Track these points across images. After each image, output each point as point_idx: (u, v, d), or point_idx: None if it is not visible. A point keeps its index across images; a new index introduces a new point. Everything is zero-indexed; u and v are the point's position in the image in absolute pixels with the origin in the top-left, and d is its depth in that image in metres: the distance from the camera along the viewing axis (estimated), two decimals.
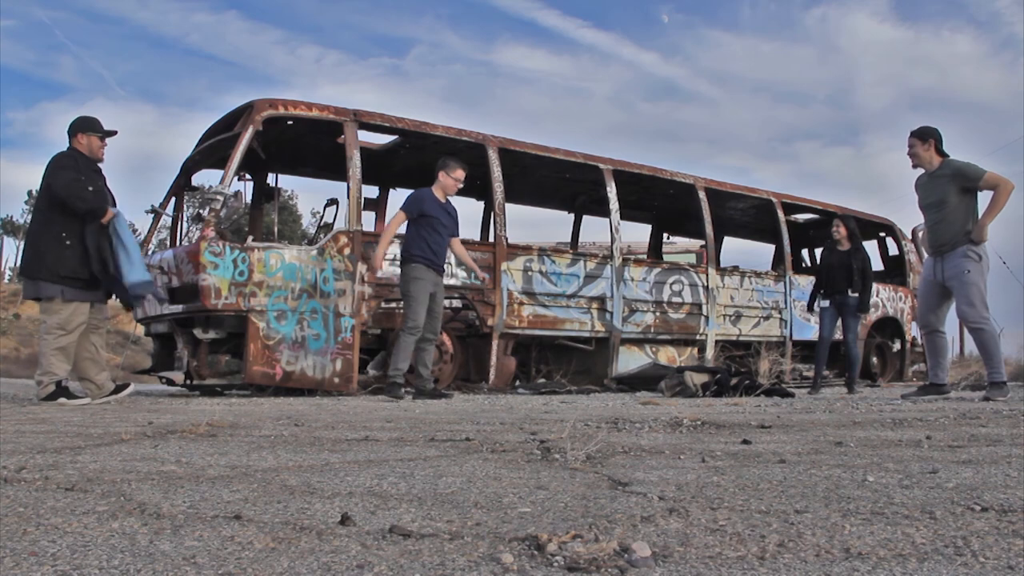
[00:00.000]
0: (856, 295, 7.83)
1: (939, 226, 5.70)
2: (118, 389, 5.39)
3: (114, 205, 5.33)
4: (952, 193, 5.61)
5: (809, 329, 10.20)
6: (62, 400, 5.10)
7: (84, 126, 5.24)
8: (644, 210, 11.81)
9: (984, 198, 5.64)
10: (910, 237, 12.10)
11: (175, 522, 1.45)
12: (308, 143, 8.01)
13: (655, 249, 12.57)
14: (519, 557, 1.23)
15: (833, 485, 1.87)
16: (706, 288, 9.42)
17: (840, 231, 8.02)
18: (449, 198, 6.45)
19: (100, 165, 5.37)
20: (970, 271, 5.52)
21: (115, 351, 27.87)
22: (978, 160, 5.80)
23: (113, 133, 5.33)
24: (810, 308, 8.39)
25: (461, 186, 6.46)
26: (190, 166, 7.82)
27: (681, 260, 11.45)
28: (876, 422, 3.64)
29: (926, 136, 5.72)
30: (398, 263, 7.23)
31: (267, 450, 2.55)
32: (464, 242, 7.84)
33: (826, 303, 8.02)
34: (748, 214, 11.41)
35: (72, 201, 4.99)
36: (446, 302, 7.75)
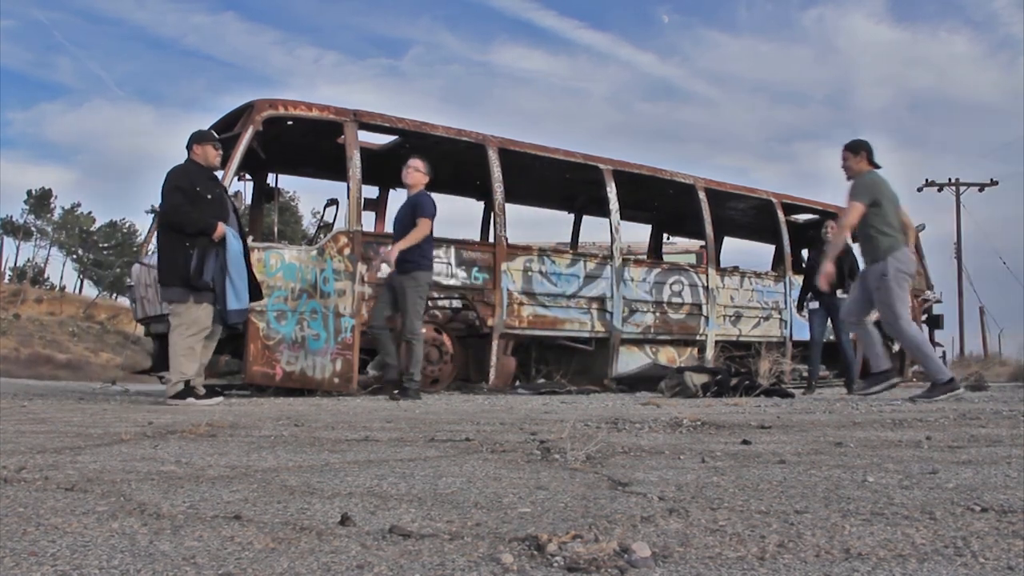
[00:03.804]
0: (845, 296, 7.85)
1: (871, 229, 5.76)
2: (208, 394, 5.36)
3: (235, 211, 5.61)
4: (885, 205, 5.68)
5: (808, 329, 10.21)
6: (190, 400, 5.14)
7: (199, 138, 5.57)
8: (644, 210, 11.80)
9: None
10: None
11: (175, 522, 1.45)
12: (308, 143, 8.01)
13: (655, 249, 12.58)
14: (519, 557, 1.23)
15: (833, 485, 1.87)
16: (706, 288, 9.42)
17: (832, 234, 8.05)
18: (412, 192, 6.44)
19: (217, 173, 5.72)
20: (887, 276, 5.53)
21: (115, 351, 27.87)
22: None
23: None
24: (799, 309, 8.41)
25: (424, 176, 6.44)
26: None
27: (681, 260, 11.45)
28: (876, 422, 3.64)
29: (857, 148, 5.83)
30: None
31: (267, 450, 2.55)
32: (464, 242, 7.85)
33: (815, 304, 8.05)
34: (748, 214, 11.42)
35: (181, 227, 5.28)
36: (445, 302, 7.75)
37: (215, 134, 5.69)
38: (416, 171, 6.39)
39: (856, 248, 8.12)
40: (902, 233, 5.64)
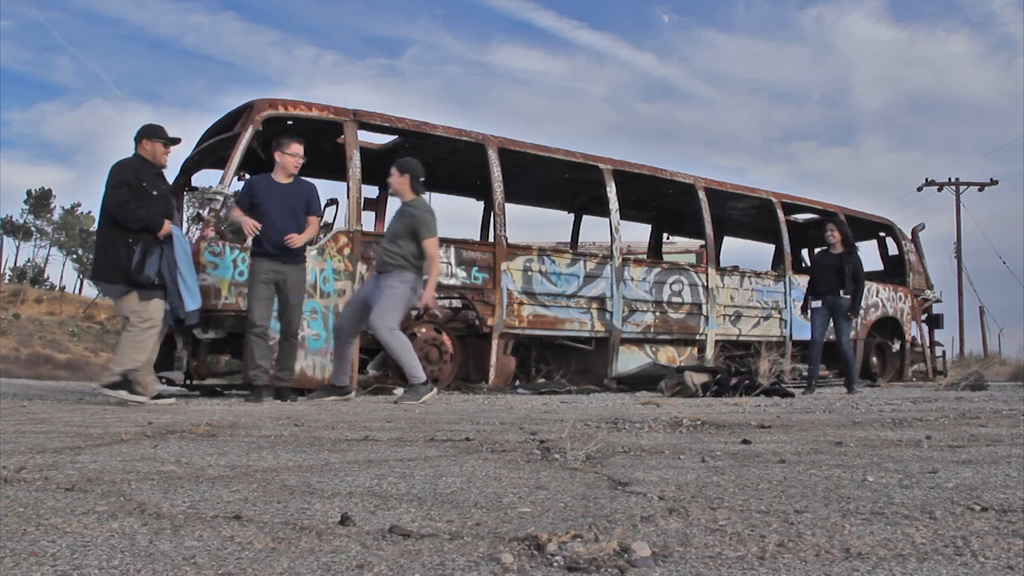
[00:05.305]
0: (847, 297, 7.86)
1: (387, 252, 5.78)
2: (159, 396, 5.36)
3: (178, 210, 5.46)
4: (405, 232, 5.72)
5: (808, 329, 10.22)
6: (123, 393, 5.11)
7: (149, 133, 5.41)
8: (644, 210, 11.80)
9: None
10: (910, 237, 12.12)
11: (175, 522, 1.45)
12: (308, 143, 8.01)
13: (655, 249, 12.58)
14: (519, 557, 1.23)
15: (833, 485, 1.87)
16: (706, 288, 9.42)
17: (834, 235, 8.06)
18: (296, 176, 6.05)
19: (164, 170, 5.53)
20: (394, 287, 5.63)
21: (114, 350, 27.84)
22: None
23: (177, 141, 5.53)
24: (804, 311, 8.41)
25: (301, 160, 6.06)
26: (190, 166, 7.81)
27: (681, 260, 11.45)
28: (876, 422, 3.64)
29: (403, 169, 5.84)
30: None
31: (267, 450, 2.55)
32: (464, 242, 7.85)
33: (817, 303, 8.05)
34: (748, 214, 11.42)
35: (125, 223, 5.17)
36: (445, 302, 7.75)
37: (166, 131, 5.49)
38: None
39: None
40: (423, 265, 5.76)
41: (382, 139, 8.24)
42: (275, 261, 5.77)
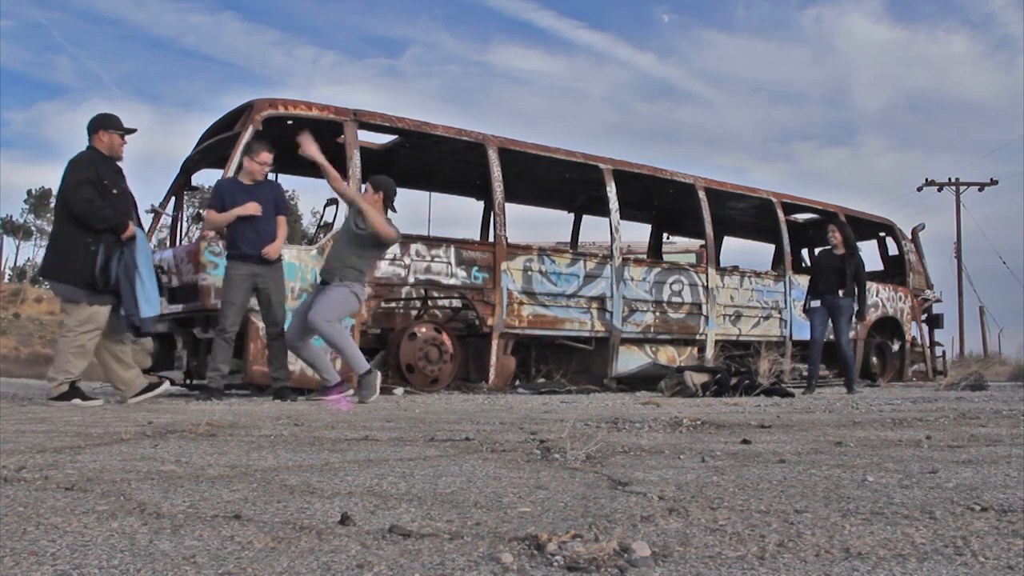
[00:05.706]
0: (847, 298, 7.86)
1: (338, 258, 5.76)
2: (150, 387, 5.24)
3: (135, 207, 5.28)
4: (363, 241, 5.72)
5: (808, 329, 10.21)
6: (76, 401, 4.96)
7: (105, 123, 5.12)
8: (644, 210, 11.81)
9: None
10: (910, 237, 12.13)
11: (175, 522, 1.45)
12: None
13: (655, 249, 12.58)
14: (519, 557, 1.23)
15: (833, 485, 1.87)
16: (706, 288, 9.42)
17: (835, 236, 8.05)
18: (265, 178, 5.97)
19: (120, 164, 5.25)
20: (336, 290, 5.61)
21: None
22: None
23: (133, 131, 5.25)
24: (805, 311, 8.42)
25: (269, 168, 5.96)
26: (190, 166, 7.82)
27: (681, 260, 11.46)
28: (876, 422, 3.64)
29: (378, 187, 5.84)
30: (398, 263, 7.23)
31: (267, 450, 2.55)
32: (464, 242, 7.85)
33: (816, 303, 8.04)
34: (748, 214, 11.42)
35: (91, 223, 4.94)
36: (445, 302, 7.75)
37: (122, 121, 5.21)
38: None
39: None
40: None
41: (382, 139, 8.24)
42: (251, 263, 5.69)
